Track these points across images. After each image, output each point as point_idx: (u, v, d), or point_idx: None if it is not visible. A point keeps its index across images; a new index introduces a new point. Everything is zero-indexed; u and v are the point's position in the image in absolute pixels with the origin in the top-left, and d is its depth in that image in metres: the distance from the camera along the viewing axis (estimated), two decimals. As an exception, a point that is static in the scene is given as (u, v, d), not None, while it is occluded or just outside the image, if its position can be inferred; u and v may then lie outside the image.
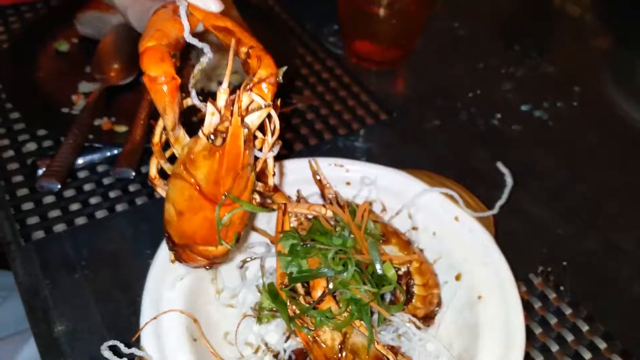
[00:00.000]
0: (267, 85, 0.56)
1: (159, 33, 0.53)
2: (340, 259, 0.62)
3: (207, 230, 0.58)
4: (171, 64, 0.52)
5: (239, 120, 0.54)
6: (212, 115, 0.55)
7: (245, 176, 0.57)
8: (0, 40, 1.18)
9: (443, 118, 1.09)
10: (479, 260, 0.70)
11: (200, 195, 0.56)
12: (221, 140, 0.55)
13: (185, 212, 0.57)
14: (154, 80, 0.51)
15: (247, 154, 0.56)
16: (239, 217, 0.59)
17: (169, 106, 0.53)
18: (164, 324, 0.61)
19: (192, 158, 0.55)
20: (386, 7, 1.08)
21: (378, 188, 0.78)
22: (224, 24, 0.57)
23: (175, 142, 0.58)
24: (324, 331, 0.60)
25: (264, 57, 0.56)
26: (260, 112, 0.56)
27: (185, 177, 0.56)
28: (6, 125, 0.99)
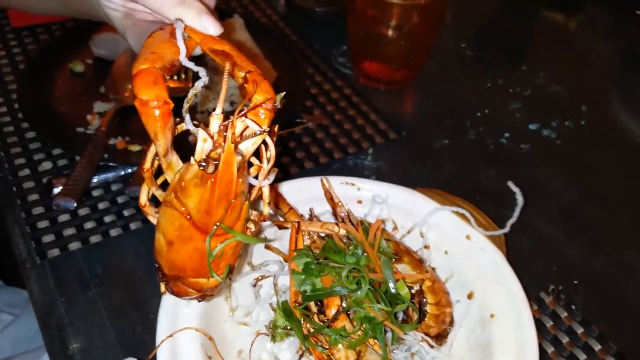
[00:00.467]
0: (264, 110, 0.54)
1: (153, 55, 0.51)
2: (354, 278, 0.62)
3: (198, 261, 0.56)
4: (164, 87, 0.50)
5: (232, 147, 0.52)
6: (204, 142, 0.53)
7: (238, 205, 0.55)
8: (17, 61, 1.20)
9: (452, 137, 1.10)
10: (491, 278, 0.71)
11: (191, 224, 0.54)
12: (213, 167, 0.53)
13: (175, 242, 0.55)
14: (146, 104, 0.49)
15: (240, 182, 0.55)
16: (232, 248, 0.57)
17: (161, 131, 0.51)
18: (180, 341, 0.62)
19: (183, 186, 0.54)
20: (395, 29, 1.09)
21: (389, 206, 0.78)
22: (221, 47, 0.56)
23: (167, 168, 0.56)
24: (338, 350, 0.61)
25: (261, 82, 0.55)
26: (255, 138, 0.54)
27: (175, 205, 0.54)
28: (22, 144, 1.01)
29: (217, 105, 0.52)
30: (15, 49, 1.24)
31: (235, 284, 0.71)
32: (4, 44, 1.25)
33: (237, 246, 0.58)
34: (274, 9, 1.42)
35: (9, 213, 0.91)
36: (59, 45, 1.19)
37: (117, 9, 0.65)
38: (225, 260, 0.57)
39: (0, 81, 1.15)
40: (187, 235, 0.54)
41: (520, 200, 0.74)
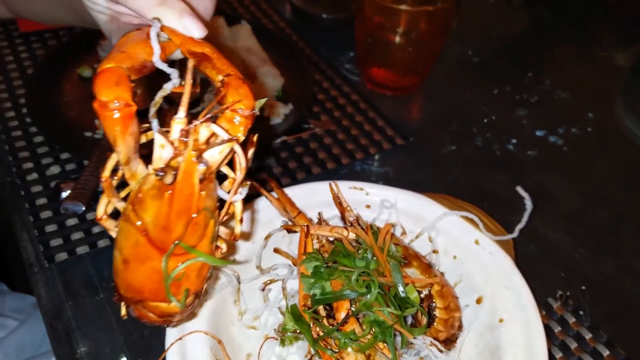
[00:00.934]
0: (240, 117, 0.49)
1: (122, 55, 0.47)
2: (363, 281, 0.62)
3: (156, 283, 0.50)
4: (128, 88, 0.46)
5: (194, 155, 0.47)
6: (162, 149, 0.47)
7: (201, 222, 0.49)
8: (25, 67, 1.21)
9: (459, 143, 1.10)
10: (500, 283, 0.71)
11: (147, 242, 0.49)
12: (172, 177, 0.47)
13: (131, 260, 0.50)
14: (105, 106, 0.45)
15: (203, 195, 0.49)
16: (195, 270, 0.51)
17: (120, 136, 0.46)
18: (189, 344, 0.62)
19: (140, 197, 0.48)
20: (403, 35, 1.10)
21: (398, 211, 0.78)
22: (201, 50, 0.52)
23: (131, 178, 0.50)
24: (347, 353, 0.60)
25: (241, 87, 0.50)
26: (222, 146, 0.48)
27: (131, 219, 0.49)
28: (30, 148, 1.02)
29: (179, 109, 0.47)
30: (24, 54, 1.25)
31: (244, 287, 0.71)
32: (12, 50, 1.25)
33: (202, 268, 0.52)
34: (281, 16, 1.43)
35: (17, 217, 0.92)
36: (67, 50, 1.20)
37: (103, 11, 0.64)
38: (189, 283, 0.51)
39: (9, 86, 1.15)
40: (143, 253, 0.49)
41: (529, 205, 0.74)
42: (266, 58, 1.19)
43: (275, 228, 0.76)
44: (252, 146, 0.52)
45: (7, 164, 0.99)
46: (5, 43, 1.27)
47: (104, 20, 0.65)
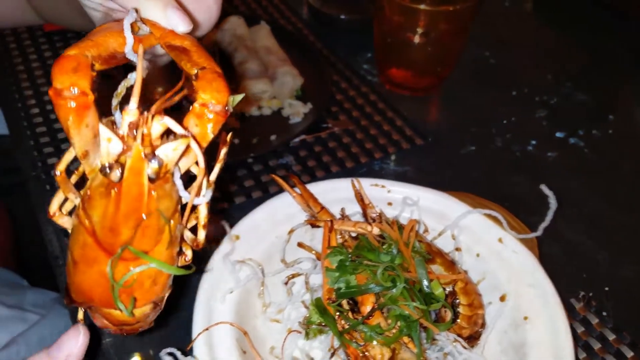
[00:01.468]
0: (212, 113, 0.45)
1: (88, 42, 0.45)
2: (388, 276, 0.62)
3: (104, 288, 0.46)
4: (87, 77, 0.43)
5: (141, 150, 0.43)
6: (109, 142, 0.43)
7: (153, 225, 0.45)
8: (49, 65, 1.22)
9: (478, 144, 1.10)
10: (524, 281, 0.71)
11: (95, 243, 0.45)
12: (118, 175, 0.44)
13: (79, 262, 0.46)
14: (59, 94, 0.42)
15: (155, 196, 0.45)
16: (150, 277, 0.47)
17: (74, 127, 0.43)
18: (215, 335, 0.63)
19: (89, 195, 0.45)
20: (422, 35, 1.10)
21: (420, 209, 0.79)
22: (180, 43, 0.49)
23: (91, 173, 0.46)
24: (372, 346, 0.61)
25: (215, 80, 0.46)
26: (176, 142, 0.43)
27: (80, 218, 0.45)
28: (54, 144, 1.03)
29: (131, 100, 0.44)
30: (47, 52, 1.26)
31: (268, 281, 0.72)
32: (36, 48, 1.27)
33: (159, 275, 0.48)
34: (298, 17, 1.43)
35: (42, 211, 0.93)
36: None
37: (97, 8, 0.62)
38: (142, 291, 0.47)
39: (33, 83, 1.17)
40: (90, 255, 0.46)
41: (553, 204, 0.74)
42: (285, 58, 1.19)
43: (297, 223, 0.76)
44: (225, 145, 0.49)
45: (32, 159, 1.00)
46: (30, 42, 1.29)
47: (98, 17, 0.64)
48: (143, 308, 0.49)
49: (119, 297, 0.45)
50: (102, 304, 0.48)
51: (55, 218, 0.49)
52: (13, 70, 1.21)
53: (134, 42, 0.47)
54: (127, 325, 0.51)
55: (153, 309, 0.51)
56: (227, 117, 0.47)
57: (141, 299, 0.48)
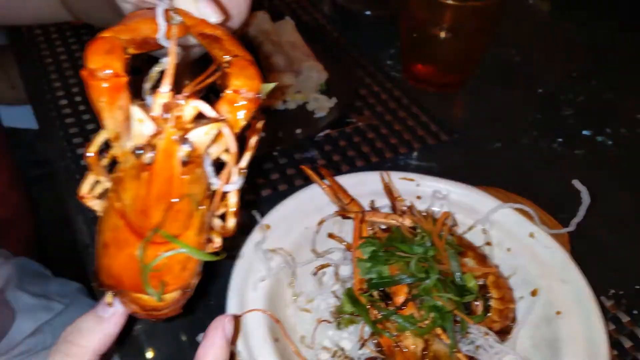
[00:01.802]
0: (244, 100, 0.45)
1: (122, 27, 0.45)
2: (422, 267, 0.62)
3: (134, 272, 0.46)
4: (120, 59, 0.43)
5: (174, 133, 0.43)
6: (141, 123, 0.43)
7: (184, 210, 0.45)
8: (76, 57, 1.24)
9: (504, 140, 1.10)
10: (556, 276, 0.70)
11: (125, 225, 0.45)
12: (151, 157, 0.44)
13: (110, 244, 0.46)
14: (92, 74, 0.42)
15: (186, 180, 0.45)
16: (180, 262, 0.46)
17: (107, 109, 0.43)
18: (249, 322, 0.63)
19: (120, 177, 0.45)
20: (448, 31, 1.10)
21: (450, 203, 0.78)
22: (212, 32, 0.49)
23: (122, 156, 0.46)
24: (405, 337, 0.61)
25: (247, 68, 0.46)
26: (208, 127, 0.43)
27: (111, 200, 0.45)
28: (83, 135, 1.04)
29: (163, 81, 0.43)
30: (74, 45, 1.28)
31: (298, 271, 0.72)
32: (63, 41, 1.29)
33: (188, 261, 0.47)
34: (322, 13, 1.44)
35: (72, 200, 0.94)
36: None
37: (129, 0, 0.63)
38: (171, 277, 0.46)
39: (61, 75, 1.19)
40: (121, 238, 0.45)
41: (586, 199, 0.74)
42: (310, 53, 1.19)
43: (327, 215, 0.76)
44: (256, 133, 0.49)
45: (61, 150, 1.01)
46: (57, 35, 1.30)
47: (129, 9, 0.65)
48: (172, 294, 0.49)
49: (149, 281, 0.45)
50: (132, 288, 0.48)
51: (85, 200, 0.49)
52: (42, 63, 1.23)
53: (166, 29, 0.47)
54: (156, 310, 0.50)
55: (182, 295, 0.50)
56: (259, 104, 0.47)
57: (170, 285, 0.47)
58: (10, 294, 1.11)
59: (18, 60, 1.27)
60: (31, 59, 1.24)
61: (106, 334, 0.51)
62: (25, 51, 1.26)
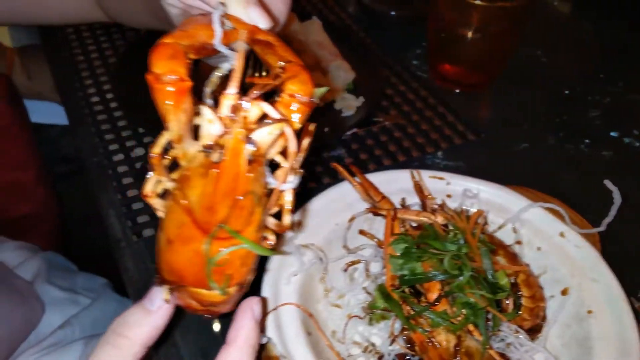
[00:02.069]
0: (298, 103, 0.48)
1: (181, 33, 0.46)
2: (455, 264, 0.63)
3: (197, 267, 0.47)
4: (184, 64, 0.44)
5: (241, 132, 0.45)
6: (210, 124, 0.45)
7: (247, 206, 0.47)
8: (107, 55, 1.26)
9: (531, 141, 1.10)
10: (587, 276, 0.71)
11: (192, 222, 0.46)
12: (219, 155, 0.46)
13: (174, 241, 0.48)
14: (158, 79, 0.44)
15: (251, 178, 0.46)
16: (240, 257, 0.48)
17: (172, 112, 0.45)
18: (283, 315, 0.64)
19: (187, 175, 0.47)
20: (477, 31, 1.10)
21: (480, 202, 0.79)
22: (265, 38, 0.51)
23: (182, 157, 0.48)
24: (438, 333, 0.61)
25: (301, 73, 0.48)
26: (272, 127, 0.45)
27: (177, 198, 0.47)
28: (115, 131, 1.06)
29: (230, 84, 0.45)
30: (105, 44, 1.30)
31: (330, 266, 0.73)
32: (94, 39, 1.31)
33: (247, 257, 0.49)
34: (347, 13, 1.45)
35: (104, 195, 0.96)
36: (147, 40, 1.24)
37: (175, 4, 0.65)
38: (232, 271, 0.48)
39: (92, 73, 1.21)
40: (187, 234, 0.47)
41: (617, 199, 0.74)
42: (337, 52, 1.20)
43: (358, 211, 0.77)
44: (308, 135, 0.50)
45: (94, 145, 1.03)
46: (88, 33, 1.33)
47: (175, 13, 0.67)
48: (230, 289, 0.51)
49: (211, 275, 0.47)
50: (194, 284, 0.49)
51: (148, 198, 0.50)
52: (73, 61, 1.25)
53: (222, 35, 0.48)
54: (214, 306, 0.52)
55: (238, 291, 0.52)
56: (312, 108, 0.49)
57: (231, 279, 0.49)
58: (39, 287, 1.14)
59: (50, 58, 1.30)
60: (63, 57, 1.26)
61: (153, 327, 0.52)
62: (57, 49, 1.29)
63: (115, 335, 0.52)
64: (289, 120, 0.46)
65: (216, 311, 0.54)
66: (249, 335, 0.53)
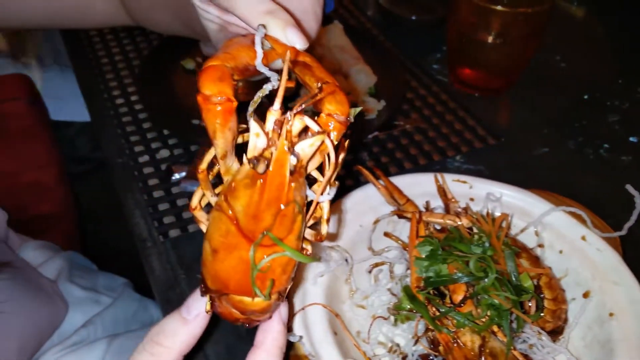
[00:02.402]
0: (335, 122, 0.50)
1: (226, 55, 0.49)
2: (480, 267, 0.64)
3: (242, 274, 0.50)
4: (230, 85, 0.47)
5: (286, 144, 0.48)
6: (257, 137, 0.48)
7: (289, 215, 0.49)
8: (131, 57, 1.29)
9: (551, 145, 1.11)
10: (609, 278, 0.71)
11: (237, 230, 0.49)
12: (264, 167, 0.48)
13: (220, 250, 0.50)
14: (208, 99, 0.47)
15: (293, 187, 0.49)
16: (281, 265, 0.51)
17: (220, 129, 0.48)
18: (310, 315, 0.65)
19: (233, 187, 0.49)
20: (497, 36, 1.11)
21: (503, 205, 0.80)
22: (302, 59, 0.54)
23: (225, 173, 0.51)
24: (463, 333, 0.63)
25: (337, 94, 0.51)
26: (313, 139, 0.48)
27: (223, 208, 0.50)
28: (140, 133, 1.08)
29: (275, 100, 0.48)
30: (129, 46, 1.33)
31: (355, 268, 0.74)
32: (118, 42, 1.34)
33: (288, 264, 0.51)
34: (367, 17, 1.46)
35: (130, 196, 0.98)
36: (170, 44, 1.26)
37: (213, 20, 0.67)
38: (274, 277, 0.51)
39: (117, 75, 1.23)
40: (232, 242, 0.50)
41: (639, 204, 0.74)
42: (358, 56, 1.22)
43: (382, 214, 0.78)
44: (343, 151, 0.53)
45: (120, 147, 1.05)
46: (112, 36, 1.35)
47: (213, 29, 0.68)
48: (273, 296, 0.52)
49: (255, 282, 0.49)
50: (237, 291, 0.51)
51: (195, 211, 0.54)
52: (97, 63, 1.28)
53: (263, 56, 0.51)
54: (256, 314, 0.54)
55: (278, 299, 0.53)
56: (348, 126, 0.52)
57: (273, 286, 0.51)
58: (62, 286, 1.15)
59: (74, 61, 1.32)
60: (87, 60, 1.29)
61: (190, 336, 0.54)
62: (81, 52, 1.32)
63: (152, 343, 0.54)
64: (328, 132, 0.49)
65: (255, 320, 0.55)
66: (277, 337, 0.55)
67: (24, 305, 0.99)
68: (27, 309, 1.01)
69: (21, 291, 1.00)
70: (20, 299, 0.98)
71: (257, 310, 0.53)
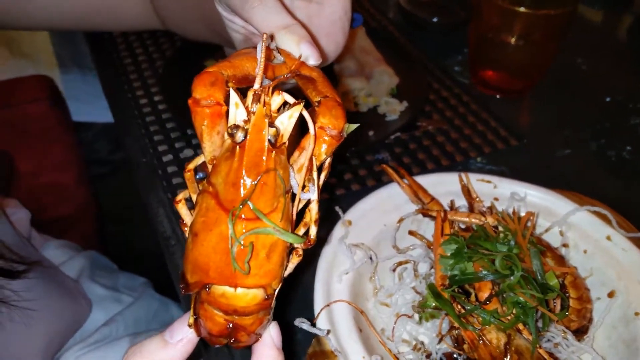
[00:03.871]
0: (327, 136, 0.51)
1: (226, 63, 0.50)
2: (505, 265, 0.64)
3: (222, 254, 0.48)
4: (222, 91, 0.48)
5: (264, 111, 0.48)
6: (237, 108, 0.48)
7: (271, 184, 0.48)
8: (154, 58, 1.30)
9: (573, 147, 1.10)
10: (634, 278, 0.71)
11: (217, 204, 0.48)
12: (243, 135, 0.48)
13: (200, 231, 0.49)
14: (197, 102, 0.48)
15: (273, 157, 0.48)
16: (265, 247, 0.48)
17: (207, 132, 0.48)
18: (335, 312, 0.66)
19: (215, 164, 0.49)
20: (519, 38, 1.11)
21: (527, 205, 0.80)
22: (309, 73, 0.55)
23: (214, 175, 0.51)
24: (489, 331, 0.63)
25: (335, 108, 0.52)
26: (291, 110, 0.48)
27: (205, 188, 0.49)
28: (164, 132, 1.10)
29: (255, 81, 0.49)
30: (152, 47, 1.35)
31: (379, 266, 0.75)
32: (141, 43, 1.36)
33: (272, 250, 0.49)
34: (389, 19, 1.46)
35: (153, 195, 0.99)
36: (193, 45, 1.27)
37: (239, 30, 0.68)
38: (257, 262, 0.48)
39: (141, 76, 1.25)
40: (212, 218, 0.48)
41: (666, 205, 0.74)
42: (381, 58, 1.22)
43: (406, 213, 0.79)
44: (325, 170, 0.54)
45: (143, 146, 1.07)
46: (135, 37, 1.37)
47: (239, 39, 0.70)
48: (254, 292, 0.49)
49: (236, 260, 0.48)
50: (218, 277, 0.49)
51: (178, 206, 0.54)
52: (121, 64, 1.30)
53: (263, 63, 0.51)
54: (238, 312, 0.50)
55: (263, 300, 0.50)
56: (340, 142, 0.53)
57: (254, 274, 0.48)
58: (84, 285, 1.17)
59: (98, 62, 1.34)
60: (110, 60, 1.31)
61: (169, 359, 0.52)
62: (105, 53, 1.33)
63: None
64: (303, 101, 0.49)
65: (240, 335, 0.53)
66: None
67: (51, 304, 1.00)
68: (54, 307, 1.02)
69: (49, 290, 1.02)
70: (48, 298, 1.00)
71: (242, 307, 0.50)
